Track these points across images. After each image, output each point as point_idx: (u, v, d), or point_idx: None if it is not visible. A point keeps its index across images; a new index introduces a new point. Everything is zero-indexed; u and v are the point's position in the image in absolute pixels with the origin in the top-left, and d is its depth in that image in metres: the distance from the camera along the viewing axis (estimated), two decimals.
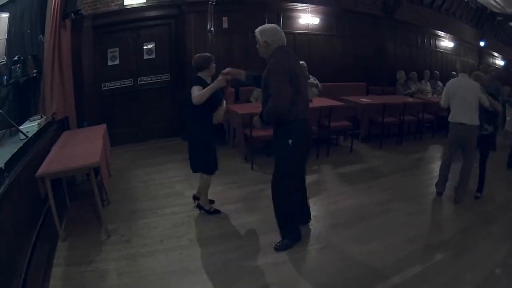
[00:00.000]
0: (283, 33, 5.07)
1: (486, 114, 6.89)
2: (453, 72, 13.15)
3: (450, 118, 6.86)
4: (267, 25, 5.17)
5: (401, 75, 13.16)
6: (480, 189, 7.15)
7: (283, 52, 5.01)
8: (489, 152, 7.27)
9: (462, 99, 6.60)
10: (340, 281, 4.54)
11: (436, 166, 8.47)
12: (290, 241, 5.23)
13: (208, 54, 6.00)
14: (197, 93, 5.41)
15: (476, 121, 6.56)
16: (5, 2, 8.76)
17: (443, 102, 7.06)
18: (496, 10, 19.12)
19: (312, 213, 6.16)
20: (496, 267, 4.84)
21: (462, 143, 6.79)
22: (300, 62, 10.05)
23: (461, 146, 6.84)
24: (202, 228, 5.77)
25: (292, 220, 5.30)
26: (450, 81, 7.15)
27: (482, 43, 20.50)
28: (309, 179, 7.34)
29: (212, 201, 6.35)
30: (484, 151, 7.19)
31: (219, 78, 5.46)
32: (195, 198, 6.37)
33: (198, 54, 5.96)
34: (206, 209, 6.17)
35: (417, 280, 4.53)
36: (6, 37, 7.10)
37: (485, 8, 19.34)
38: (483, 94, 6.59)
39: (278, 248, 5.16)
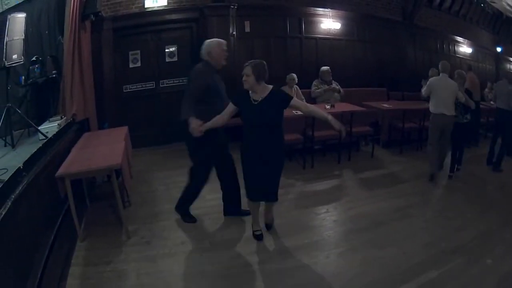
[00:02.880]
0: None
1: (464, 106, 8.25)
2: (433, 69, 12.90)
3: (432, 110, 8.20)
4: None
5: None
6: (453, 169, 8.54)
7: None
8: (467, 137, 9.14)
9: (443, 95, 7.99)
10: (358, 285, 4.56)
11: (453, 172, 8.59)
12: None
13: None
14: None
15: (453, 112, 8.02)
16: (20, 2, 8.80)
17: (424, 93, 8.42)
18: (511, 15, 19.03)
19: (332, 218, 6.32)
20: (508, 273, 4.80)
21: (442, 130, 8.17)
22: (324, 67, 10.05)
23: (441, 133, 8.20)
24: (223, 231, 5.76)
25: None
26: (433, 78, 8.47)
27: (498, 49, 20.41)
28: (330, 184, 7.33)
29: None
30: (462, 136, 8.59)
31: None
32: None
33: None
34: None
35: (432, 285, 4.54)
36: (23, 37, 7.10)
37: (501, 14, 19.29)
38: (460, 91, 8.02)
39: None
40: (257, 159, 5.17)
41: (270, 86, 5.19)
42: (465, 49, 17.27)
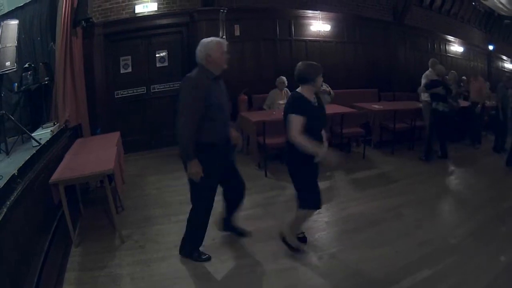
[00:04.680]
0: None
1: (434, 95, 9.22)
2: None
3: None
4: None
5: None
6: (442, 153, 9.68)
7: None
8: (443, 125, 9.36)
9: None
10: (351, 285, 4.59)
11: (446, 170, 8.86)
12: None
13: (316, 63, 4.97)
14: (297, 131, 4.58)
15: (421, 98, 10.14)
16: (13, 8, 8.84)
17: None
18: (503, 13, 19.09)
19: (325, 219, 6.31)
20: (503, 271, 4.84)
21: None
22: None
23: None
24: (215, 234, 5.72)
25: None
26: None
27: (490, 47, 20.48)
28: (322, 185, 7.32)
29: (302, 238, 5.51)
30: (435, 122, 9.38)
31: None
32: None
33: (306, 62, 4.98)
34: (292, 245, 5.26)
35: (426, 283, 4.56)
36: (15, 44, 7.13)
37: (493, 11, 19.33)
38: (424, 79, 9.96)
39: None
40: None
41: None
42: (456, 48, 17.34)
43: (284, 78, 10.00)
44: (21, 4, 8.96)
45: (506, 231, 5.87)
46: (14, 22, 7.13)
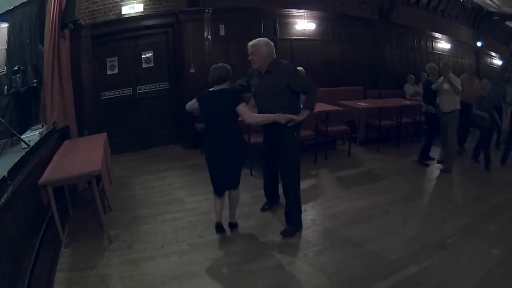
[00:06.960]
0: None
1: (423, 97, 9.23)
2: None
3: None
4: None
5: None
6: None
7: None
8: (432, 130, 9.08)
9: None
10: (337, 283, 4.62)
11: (433, 168, 8.89)
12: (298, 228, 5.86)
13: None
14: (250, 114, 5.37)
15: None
16: (3, 12, 8.85)
17: None
18: (492, 9, 19.13)
19: (310, 217, 6.36)
20: (493, 267, 4.87)
21: None
22: (298, 68, 10.12)
23: None
24: (202, 233, 5.82)
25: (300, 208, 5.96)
26: None
27: (479, 43, 20.53)
28: (307, 183, 7.41)
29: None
30: (428, 128, 9.33)
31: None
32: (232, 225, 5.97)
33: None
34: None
35: (413, 280, 4.59)
36: (5, 47, 7.15)
37: (481, 8, 19.37)
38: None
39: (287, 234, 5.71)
40: None
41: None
42: (443, 45, 17.36)
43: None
44: (11, 7, 8.98)
45: (495, 228, 5.94)
46: (4, 25, 7.15)
